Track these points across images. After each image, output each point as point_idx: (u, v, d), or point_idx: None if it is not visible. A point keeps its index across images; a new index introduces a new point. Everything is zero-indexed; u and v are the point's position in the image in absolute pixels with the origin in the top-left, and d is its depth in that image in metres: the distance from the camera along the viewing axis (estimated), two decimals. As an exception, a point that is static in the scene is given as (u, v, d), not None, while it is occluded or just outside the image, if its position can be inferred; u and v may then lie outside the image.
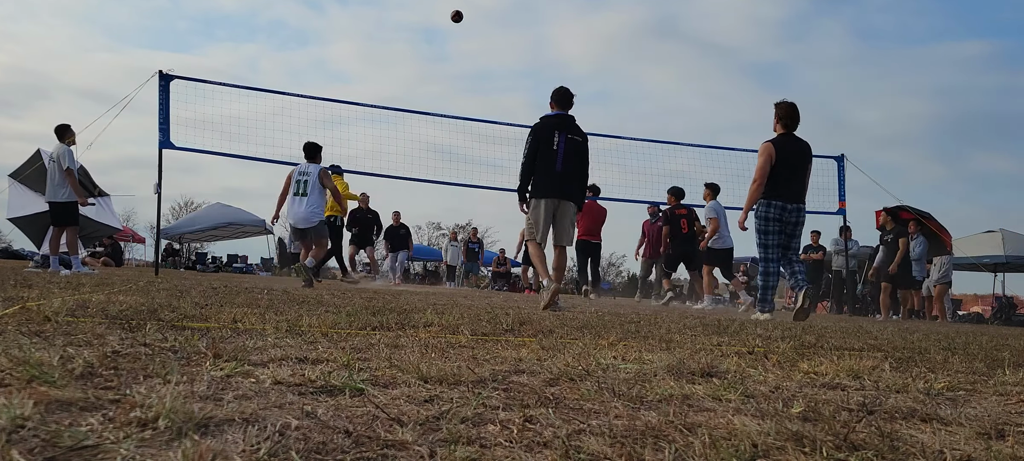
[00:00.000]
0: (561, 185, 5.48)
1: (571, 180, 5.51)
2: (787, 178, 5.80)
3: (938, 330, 5.65)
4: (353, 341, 2.01)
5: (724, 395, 1.38)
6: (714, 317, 5.57)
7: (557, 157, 5.42)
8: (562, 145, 5.43)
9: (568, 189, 5.52)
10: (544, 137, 5.43)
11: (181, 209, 42.91)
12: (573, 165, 5.49)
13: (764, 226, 5.86)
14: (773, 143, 5.82)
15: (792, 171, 5.82)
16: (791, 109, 5.90)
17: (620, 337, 2.65)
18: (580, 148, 5.55)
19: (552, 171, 5.44)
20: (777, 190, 5.81)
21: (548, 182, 5.47)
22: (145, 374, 1.26)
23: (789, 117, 5.88)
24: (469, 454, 0.87)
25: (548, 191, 5.50)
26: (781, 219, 5.82)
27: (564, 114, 5.58)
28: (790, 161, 5.81)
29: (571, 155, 5.47)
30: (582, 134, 5.60)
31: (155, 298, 3.41)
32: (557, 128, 5.46)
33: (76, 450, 0.78)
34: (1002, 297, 16.28)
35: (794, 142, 5.87)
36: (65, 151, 7.67)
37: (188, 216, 29.18)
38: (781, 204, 5.80)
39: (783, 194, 5.80)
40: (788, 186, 5.80)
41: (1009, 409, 1.44)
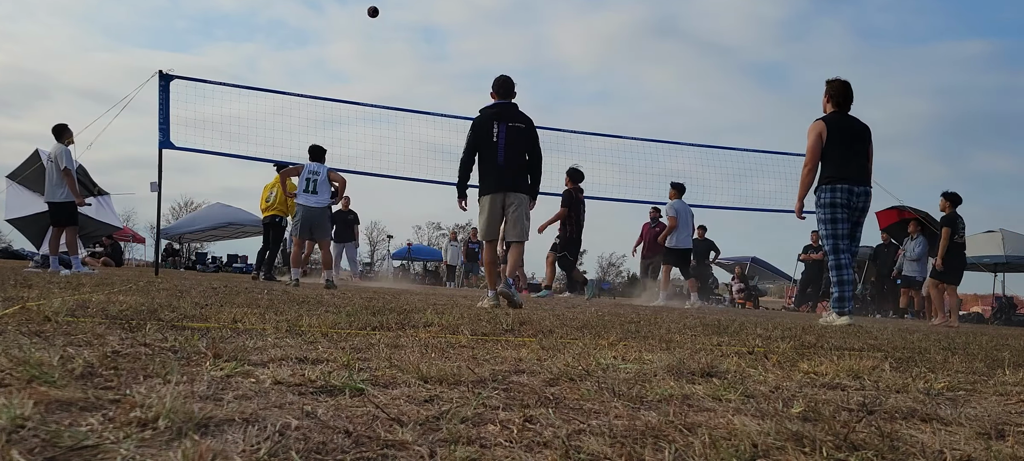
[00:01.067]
0: (505, 177, 5.17)
1: (516, 171, 5.20)
2: (847, 157, 5.18)
3: (938, 330, 5.65)
4: (353, 341, 2.01)
5: (724, 395, 1.38)
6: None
7: (498, 149, 5.13)
8: (503, 135, 5.13)
9: (514, 180, 5.21)
10: (483, 129, 5.17)
11: (181, 209, 42.93)
12: (517, 155, 5.18)
13: (831, 214, 5.20)
14: (824, 120, 5.26)
15: (851, 150, 5.20)
16: (843, 87, 5.32)
17: (620, 337, 2.65)
18: (524, 135, 5.21)
19: (495, 164, 5.15)
20: (840, 171, 5.17)
21: (491, 176, 5.20)
22: (145, 374, 1.26)
23: (841, 94, 5.30)
24: (469, 454, 0.87)
25: (492, 185, 5.22)
26: (849, 204, 5.18)
27: (505, 102, 5.26)
28: (846, 139, 5.20)
29: (514, 144, 5.15)
30: (526, 120, 5.25)
31: (155, 298, 3.41)
32: (496, 118, 5.17)
33: (76, 450, 0.78)
34: (1002, 297, 16.28)
35: (848, 120, 5.29)
36: (63, 151, 7.67)
37: (188, 216, 29.18)
38: (848, 187, 5.15)
39: (848, 175, 5.16)
40: (850, 166, 5.17)
41: (1009, 409, 1.44)
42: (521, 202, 5.25)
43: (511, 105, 5.26)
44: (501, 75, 5.30)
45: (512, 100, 5.29)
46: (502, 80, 5.29)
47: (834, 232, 5.23)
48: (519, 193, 5.25)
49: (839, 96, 5.30)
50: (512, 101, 5.28)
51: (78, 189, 7.90)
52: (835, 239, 5.24)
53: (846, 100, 5.31)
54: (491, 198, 5.21)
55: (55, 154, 7.71)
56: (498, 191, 5.20)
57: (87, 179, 9.72)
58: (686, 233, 9.57)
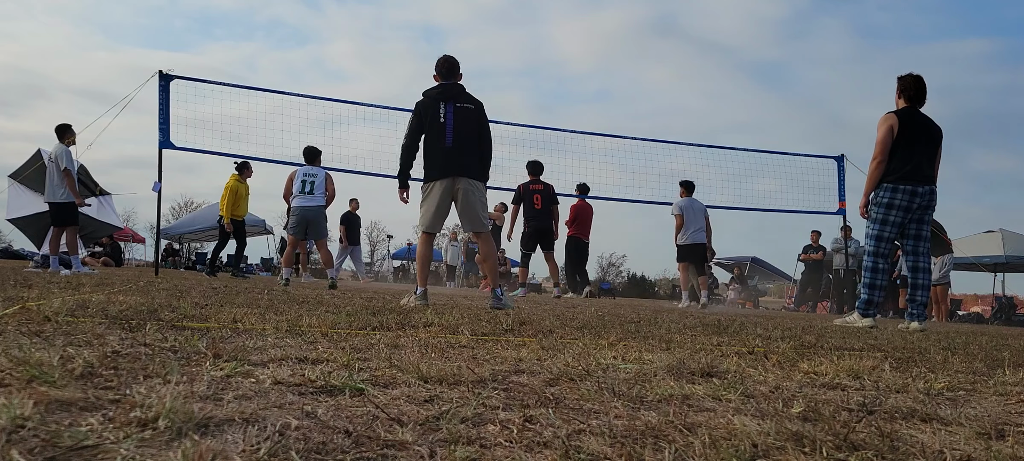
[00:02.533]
0: (454, 161, 4.73)
1: (466, 153, 4.77)
2: (916, 156, 4.99)
3: (938, 330, 5.65)
4: (353, 341, 2.01)
5: (724, 395, 1.38)
6: (706, 316, 5.57)
7: (445, 130, 4.72)
8: (450, 116, 4.73)
9: (464, 163, 4.76)
10: (428, 111, 4.76)
11: (181, 209, 42.92)
12: (467, 136, 4.77)
13: (884, 214, 5.06)
14: (896, 114, 5.05)
15: (922, 148, 5.01)
16: (916, 81, 5.11)
17: (620, 337, 2.65)
18: (473, 116, 4.81)
19: (442, 147, 4.72)
20: (905, 171, 4.98)
21: (438, 160, 4.75)
22: (145, 374, 1.26)
23: (914, 88, 5.10)
24: (469, 454, 0.87)
25: (440, 171, 4.76)
26: (909, 206, 5.02)
27: (450, 83, 4.87)
28: (918, 136, 5.01)
29: (463, 125, 4.75)
30: (474, 101, 4.87)
31: (155, 298, 3.41)
32: (442, 99, 4.78)
33: (76, 450, 0.78)
34: (1002, 297, 16.29)
35: (921, 118, 5.10)
36: (63, 151, 7.67)
37: (188, 216, 29.18)
38: (911, 189, 4.98)
39: (913, 175, 4.98)
40: (919, 166, 4.99)
41: (1009, 409, 1.44)
42: (473, 188, 4.82)
43: (457, 86, 4.90)
44: (444, 55, 4.97)
45: (458, 81, 4.93)
46: (445, 59, 4.93)
47: (880, 233, 5.10)
48: (471, 178, 4.80)
49: (911, 90, 5.11)
50: (458, 82, 4.93)
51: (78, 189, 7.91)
52: (879, 241, 5.11)
53: (919, 95, 5.11)
54: (438, 184, 4.76)
55: (56, 154, 7.71)
56: (445, 176, 4.76)
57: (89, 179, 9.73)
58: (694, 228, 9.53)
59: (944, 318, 11.76)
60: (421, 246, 5.02)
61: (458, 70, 4.95)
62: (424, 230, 4.91)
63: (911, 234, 5.17)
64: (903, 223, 5.13)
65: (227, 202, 10.16)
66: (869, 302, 5.13)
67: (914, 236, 5.16)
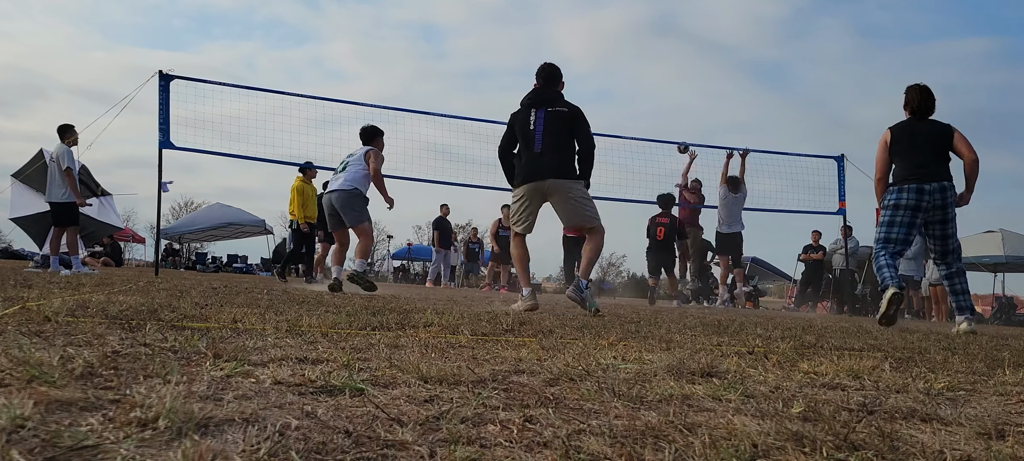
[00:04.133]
0: (544, 165, 4.70)
1: (556, 157, 4.71)
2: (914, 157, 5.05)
3: (938, 330, 5.65)
4: (353, 341, 2.01)
5: (724, 395, 1.38)
6: (716, 316, 5.57)
7: (535, 136, 4.71)
8: (540, 122, 4.71)
9: (555, 166, 4.71)
10: (520, 120, 4.81)
11: (181, 209, 42.93)
12: (557, 141, 4.71)
13: (890, 215, 5.12)
14: (891, 128, 5.20)
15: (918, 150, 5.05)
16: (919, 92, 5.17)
17: (620, 337, 2.65)
18: (564, 119, 4.73)
19: (530, 152, 4.74)
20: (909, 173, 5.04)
21: (527, 165, 4.77)
22: (145, 374, 1.26)
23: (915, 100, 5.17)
24: (469, 454, 0.87)
25: (527, 176, 4.77)
26: (919, 205, 5.01)
27: (544, 89, 4.85)
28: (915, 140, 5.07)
29: (553, 131, 4.70)
30: (568, 105, 4.79)
31: (155, 298, 3.41)
32: (533, 105, 4.78)
33: (76, 450, 0.78)
34: (1002, 297, 16.29)
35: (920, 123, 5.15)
36: (65, 151, 7.68)
37: (188, 216, 29.20)
38: (916, 186, 5.00)
39: (917, 174, 5.02)
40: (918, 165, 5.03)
41: (1009, 409, 1.44)
42: (568, 187, 4.73)
43: (553, 92, 4.84)
44: (545, 62, 4.93)
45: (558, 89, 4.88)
46: (543, 67, 4.90)
47: (887, 235, 5.14)
48: (562, 179, 4.73)
49: (913, 102, 5.19)
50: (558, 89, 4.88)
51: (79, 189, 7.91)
52: (885, 243, 5.14)
53: (921, 105, 5.15)
54: (526, 189, 4.79)
55: (57, 154, 7.72)
56: (534, 180, 4.74)
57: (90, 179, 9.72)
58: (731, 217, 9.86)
59: (944, 318, 11.76)
60: (514, 247, 5.06)
61: (559, 78, 4.92)
62: (514, 230, 4.98)
63: (936, 235, 5.13)
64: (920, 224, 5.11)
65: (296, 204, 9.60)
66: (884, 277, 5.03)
67: (938, 236, 5.12)
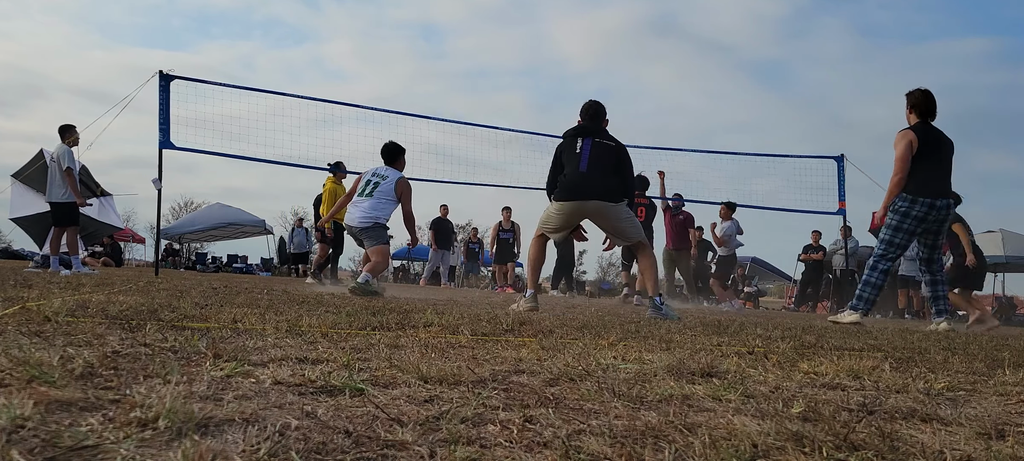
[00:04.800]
0: (588, 185, 4.77)
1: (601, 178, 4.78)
2: (934, 170, 5.10)
3: (937, 330, 5.64)
4: (353, 341, 2.01)
5: (724, 395, 1.38)
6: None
7: (581, 159, 4.79)
8: (587, 149, 4.81)
9: (598, 188, 4.77)
10: (566, 145, 4.91)
11: (181, 209, 42.93)
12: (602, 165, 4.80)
13: (899, 222, 5.14)
14: (914, 129, 5.14)
15: (938, 162, 5.12)
16: (927, 96, 5.21)
17: (620, 337, 2.65)
18: (611, 151, 4.85)
19: (575, 172, 4.79)
20: (925, 185, 5.08)
21: (569, 183, 4.81)
22: (145, 374, 1.26)
23: (925, 104, 5.19)
24: (469, 454, 0.87)
25: (570, 193, 4.81)
26: (927, 218, 5.11)
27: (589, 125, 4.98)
28: (935, 151, 5.11)
29: (599, 156, 4.81)
30: (614, 141, 4.92)
31: (155, 298, 3.41)
32: (580, 135, 4.90)
33: (76, 450, 0.78)
34: (1002, 297, 16.29)
35: (936, 132, 5.19)
36: (65, 151, 7.67)
37: (188, 216, 29.19)
38: (930, 201, 5.06)
39: (932, 189, 5.08)
40: (936, 180, 5.10)
41: (1009, 409, 1.44)
42: (609, 209, 4.82)
43: (599, 128, 4.97)
44: (591, 100, 5.06)
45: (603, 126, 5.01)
46: (590, 104, 5.03)
47: (892, 239, 5.18)
48: (605, 201, 4.80)
49: (923, 106, 5.19)
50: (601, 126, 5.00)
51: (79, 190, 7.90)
52: (889, 246, 5.20)
53: (930, 110, 5.19)
54: (568, 204, 4.82)
55: (58, 154, 7.72)
56: (576, 199, 4.80)
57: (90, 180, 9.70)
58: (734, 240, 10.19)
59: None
60: (532, 248, 5.11)
61: (603, 116, 5.02)
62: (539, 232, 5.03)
63: (927, 244, 5.29)
64: (917, 234, 5.22)
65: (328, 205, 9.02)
66: (860, 298, 5.25)
67: (930, 246, 5.26)
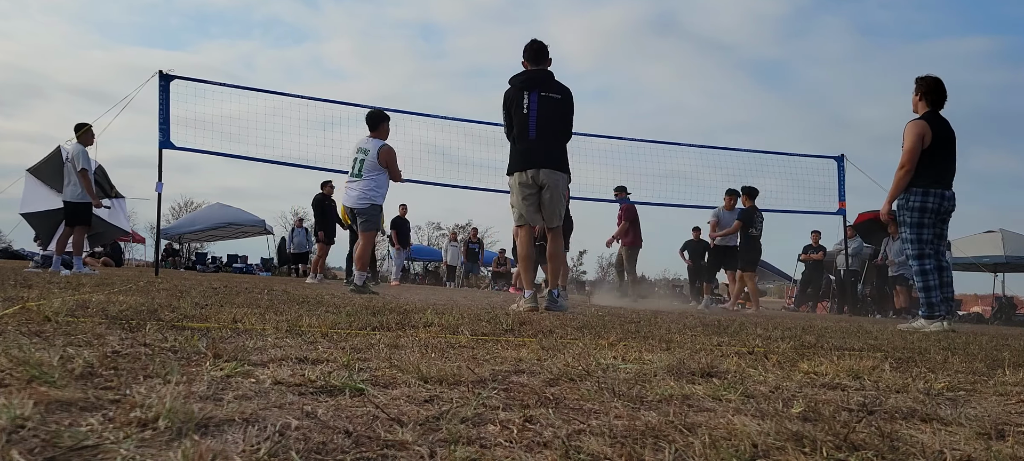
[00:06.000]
0: (537, 153, 4.60)
1: (550, 145, 4.62)
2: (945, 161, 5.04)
3: (938, 330, 5.64)
4: (353, 341, 2.01)
5: (724, 395, 1.38)
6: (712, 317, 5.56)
7: (529, 122, 4.56)
8: (534, 106, 4.56)
9: (547, 156, 4.61)
10: (513, 101, 4.62)
11: (181, 209, 42.89)
12: (551, 127, 4.61)
13: (920, 218, 5.06)
14: (926, 120, 5.04)
15: (948, 153, 5.06)
16: (937, 84, 5.10)
17: (620, 337, 2.65)
18: (558, 106, 4.63)
19: (525, 139, 4.60)
20: (938, 176, 5.02)
21: (521, 152, 4.63)
22: (145, 374, 1.26)
23: (936, 92, 5.09)
24: (469, 454, 0.87)
25: (521, 162, 4.64)
26: (939, 209, 5.04)
27: (535, 70, 4.69)
28: (945, 142, 5.04)
29: (547, 117, 4.59)
30: (562, 89, 4.67)
31: (155, 298, 3.41)
32: (526, 88, 4.61)
33: (76, 450, 0.78)
34: (1002, 297, 16.29)
35: (944, 121, 5.11)
36: (80, 152, 7.68)
37: (188, 216, 29.18)
38: (940, 192, 5.02)
39: (943, 179, 5.03)
40: (947, 171, 5.06)
41: (1009, 409, 1.44)
42: (557, 181, 4.68)
43: (543, 72, 4.70)
44: (533, 39, 4.77)
45: (547, 67, 4.74)
46: (531, 44, 4.74)
47: (920, 236, 5.11)
48: (555, 171, 4.65)
49: (934, 93, 5.08)
50: (546, 68, 4.74)
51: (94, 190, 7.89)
52: (921, 244, 5.12)
53: (941, 98, 5.10)
54: (519, 176, 4.67)
55: (73, 154, 7.73)
56: (527, 167, 4.63)
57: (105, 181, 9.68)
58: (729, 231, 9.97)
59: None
60: (521, 245, 4.91)
61: (546, 55, 4.76)
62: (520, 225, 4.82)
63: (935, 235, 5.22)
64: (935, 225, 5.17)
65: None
66: (929, 304, 5.11)
67: (937, 237, 5.21)
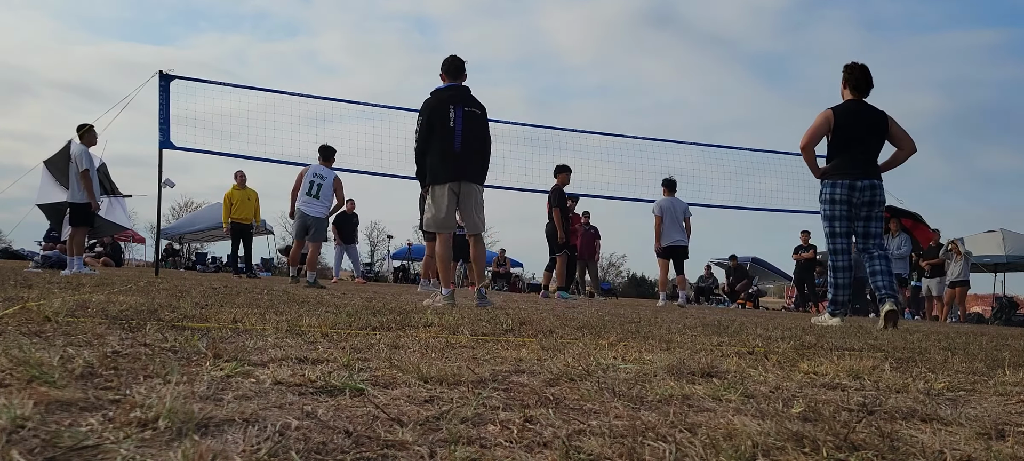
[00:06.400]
0: (462, 166, 4.88)
1: (472, 159, 4.92)
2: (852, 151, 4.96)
3: (938, 330, 5.65)
4: (353, 341, 2.01)
5: (724, 395, 1.38)
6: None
7: (454, 134, 4.82)
8: (460, 120, 4.83)
9: (470, 169, 4.93)
10: (439, 112, 4.84)
11: (181, 209, 42.88)
12: (473, 142, 4.90)
13: (830, 210, 5.05)
14: (833, 109, 5.01)
15: (859, 142, 4.97)
16: (860, 71, 5.04)
17: (620, 337, 2.65)
18: (479, 121, 4.94)
19: (450, 151, 4.83)
20: (843, 166, 4.99)
21: (447, 164, 4.85)
22: (145, 374, 1.26)
23: (858, 79, 5.02)
24: (469, 454, 0.87)
25: (448, 174, 4.88)
26: (850, 201, 5.00)
27: (458, 85, 4.98)
28: (855, 131, 4.97)
29: (470, 130, 4.87)
30: (480, 106, 4.99)
31: (155, 298, 3.41)
32: (452, 101, 4.86)
33: (76, 450, 0.78)
34: (1002, 297, 16.28)
35: (862, 108, 5.01)
36: (82, 152, 7.67)
37: (188, 216, 29.17)
38: (849, 183, 4.97)
39: (851, 171, 4.97)
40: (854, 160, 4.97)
41: (1009, 409, 1.44)
42: (473, 191, 5.00)
43: (465, 88, 5.00)
44: (451, 55, 5.05)
45: (464, 82, 5.03)
46: (452, 60, 5.01)
47: (831, 230, 5.08)
48: (474, 183, 4.98)
49: (856, 79, 5.03)
50: (464, 83, 5.03)
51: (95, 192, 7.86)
52: (832, 237, 5.09)
53: (863, 85, 5.03)
54: (446, 187, 4.91)
55: (76, 155, 7.72)
56: (453, 180, 4.91)
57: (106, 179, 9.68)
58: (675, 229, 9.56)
59: (945, 318, 11.78)
60: (440, 247, 5.10)
61: (464, 71, 5.05)
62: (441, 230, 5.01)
63: (859, 232, 5.10)
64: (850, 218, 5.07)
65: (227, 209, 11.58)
66: (834, 301, 5.13)
67: (862, 234, 5.08)
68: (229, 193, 11.59)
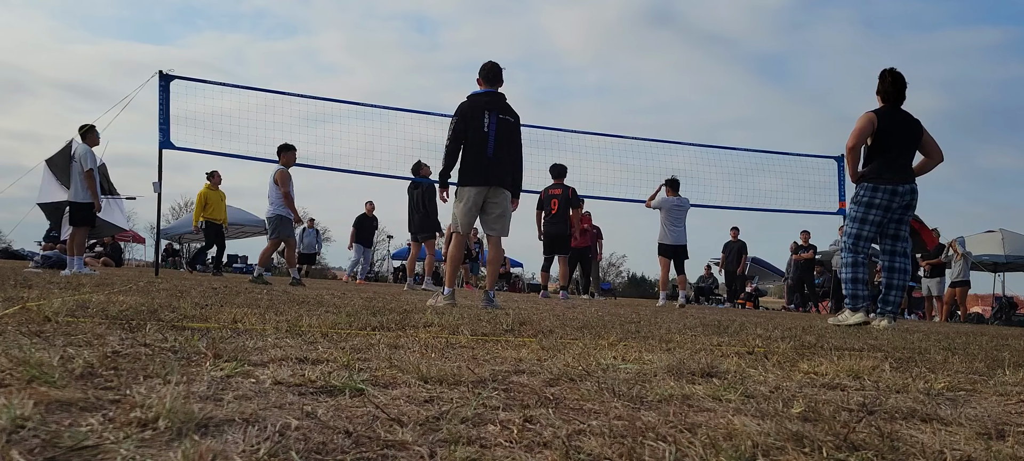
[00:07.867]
0: (493, 171, 4.93)
1: (504, 165, 4.97)
2: (895, 156, 5.01)
3: (938, 330, 5.65)
4: (353, 341, 2.01)
5: (724, 395, 1.38)
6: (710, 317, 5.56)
7: (488, 139, 4.87)
8: (494, 126, 4.89)
9: (501, 175, 4.98)
10: (473, 117, 4.89)
11: (181, 209, 42.84)
12: (505, 148, 4.96)
13: (864, 213, 5.09)
14: (875, 112, 5.03)
15: (900, 148, 5.02)
16: (895, 78, 5.06)
17: (620, 337, 2.65)
18: (513, 130, 5.02)
19: (483, 155, 4.89)
20: (886, 171, 5.00)
21: (479, 167, 4.92)
22: (145, 374, 1.26)
23: (893, 86, 5.05)
24: (469, 454, 0.87)
25: (479, 177, 4.94)
26: (890, 206, 5.04)
27: (494, 92, 5.02)
28: (898, 135, 5.01)
29: (503, 137, 4.94)
30: (514, 114, 5.05)
31: (155, 298, 3.41)
32: (487, 107, 4.92)
33: (76, 450, 0.78)
34: (1002, 297, 16.28)
35: (900, 115, 5.07)
36: (86, 152, 7.67)
37: (188, 216, 29.14)
38: (892, 189, 5.00)
39: (893, 176, 5.00)
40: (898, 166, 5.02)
41: (1009, 409, 1.44)
42: (506, 199, 5.05)
43: (500, 95, 5.05)
44: (490, 61, 5.07)
45: (500, 88, 5.08)
46: (491, 66, 5.06)
47: (859, 231, 5.12)
48: (505, 189, 5.03)
49: (891, 87, 5.06)
50: (500, 90, 5.08)
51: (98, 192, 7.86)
52: (857, 238, 5.13)
53: (898, 93, 5.06)
54: (476, 191, 4.97)
55: (79, 155, 7.71)
56: (484, 185, 4.96)
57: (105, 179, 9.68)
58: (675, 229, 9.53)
59: (944, 318, 11.79)
60: (453, 248, 5.17)
61: (501, 78, 5.09)
62: (460, 232, 5.07)
63: (890, 234, 5.19)
64: (883, 222, 5.15)
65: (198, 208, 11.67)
66: (855, 296, 5.15)
67: (892, 236, 5.17)
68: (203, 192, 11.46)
